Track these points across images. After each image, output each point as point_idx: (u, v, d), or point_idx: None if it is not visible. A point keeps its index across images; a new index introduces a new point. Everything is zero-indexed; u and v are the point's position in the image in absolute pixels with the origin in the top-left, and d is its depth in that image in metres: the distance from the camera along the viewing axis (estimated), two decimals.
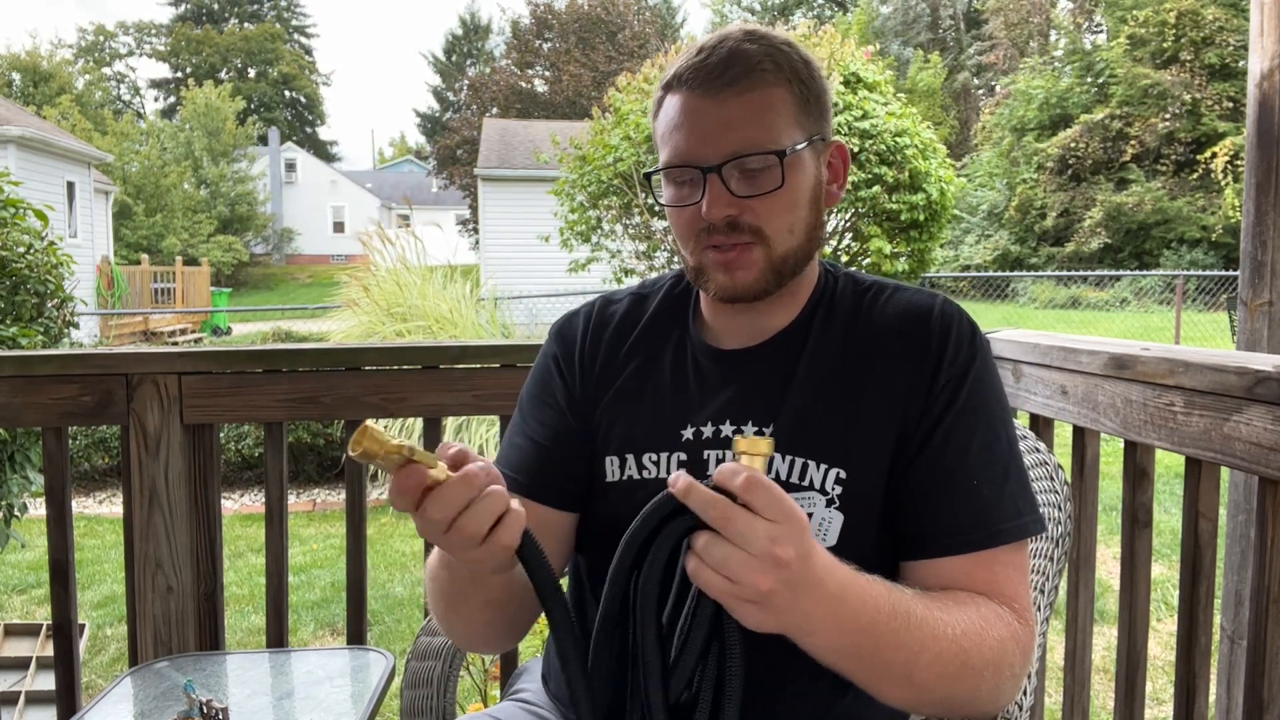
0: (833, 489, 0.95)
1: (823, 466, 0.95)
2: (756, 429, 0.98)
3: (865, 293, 1.04)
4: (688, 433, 1.01)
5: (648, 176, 1.02)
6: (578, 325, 1.12)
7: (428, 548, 1.78)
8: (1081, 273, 19.37)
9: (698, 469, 0.99)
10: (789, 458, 0.97)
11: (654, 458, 1.01)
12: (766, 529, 0.69)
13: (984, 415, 0.96)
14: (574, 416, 1.06)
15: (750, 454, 0.72)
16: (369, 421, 0.70)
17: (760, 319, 1.03)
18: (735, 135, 0.93)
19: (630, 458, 1.02)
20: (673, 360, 1.06)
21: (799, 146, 0.95)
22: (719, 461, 0.99)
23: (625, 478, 1.02)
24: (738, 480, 0.69)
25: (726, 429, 0.99)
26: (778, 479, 0.97)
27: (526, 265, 15.34)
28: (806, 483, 0.96)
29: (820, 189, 1.00)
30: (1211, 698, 1.82)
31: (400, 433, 5.81)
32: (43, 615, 4.17)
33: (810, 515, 0.95)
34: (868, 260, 6.95)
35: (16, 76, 38.36)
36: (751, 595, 0.70)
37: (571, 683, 0.80)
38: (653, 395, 1.04)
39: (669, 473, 1.00)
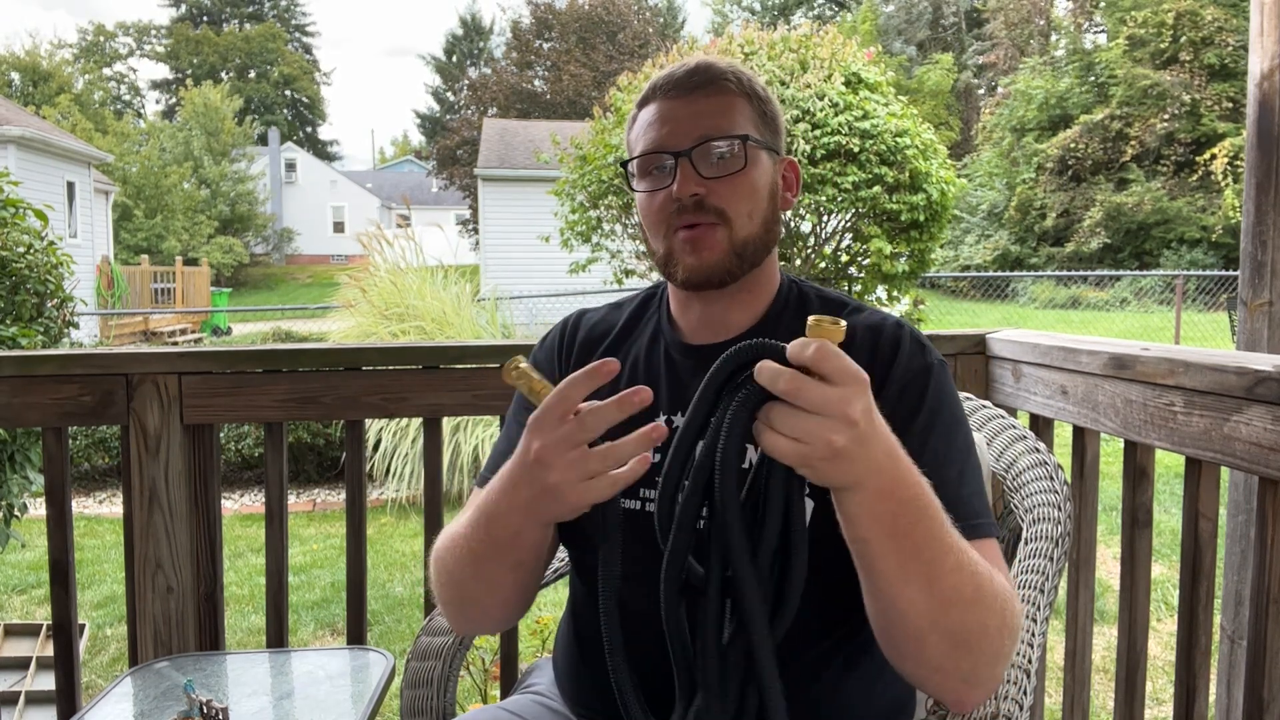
0: (797, 479, 0.98)
1: None
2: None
3: (830, 304, 1.11)
4: (660, 421, 1.04)
5: (624, 165, 1.10)
6: (554, 336, 1.21)
7: (429, 540, 1.78)
8: (1081, 273, 19.37)
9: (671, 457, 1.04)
10: (760, 448, 0.99)
11: None
12: (838, 393, 0.73)
13: (937, 423, 0.99)
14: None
15: (820, 336, 0.75)
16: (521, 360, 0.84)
17: (723, 316, 1.10)
18: (704, 123, 1.04)
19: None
20: (647, 355, 1.13)
21: (759, 139, 1.06)
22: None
23: None
24: (808, 352, 0.73)
25: None
26: (748, 470, 0.99)
27: (526, 265, 15.33)
28: None
29: (777, 192, 1.10)
30: (1211, 698, 1.82)
31: (397, 433, 5.82)
32: (43, 615, 4.17)
33: None
34: (868, 260, 6.94)
35: (16, 76, 38.36)
36: (825, 453, 0.74)
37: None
38: (627, 388, 1.08)
39: None
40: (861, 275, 7.16)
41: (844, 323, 0.76)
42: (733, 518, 0.79)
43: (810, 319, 0.75)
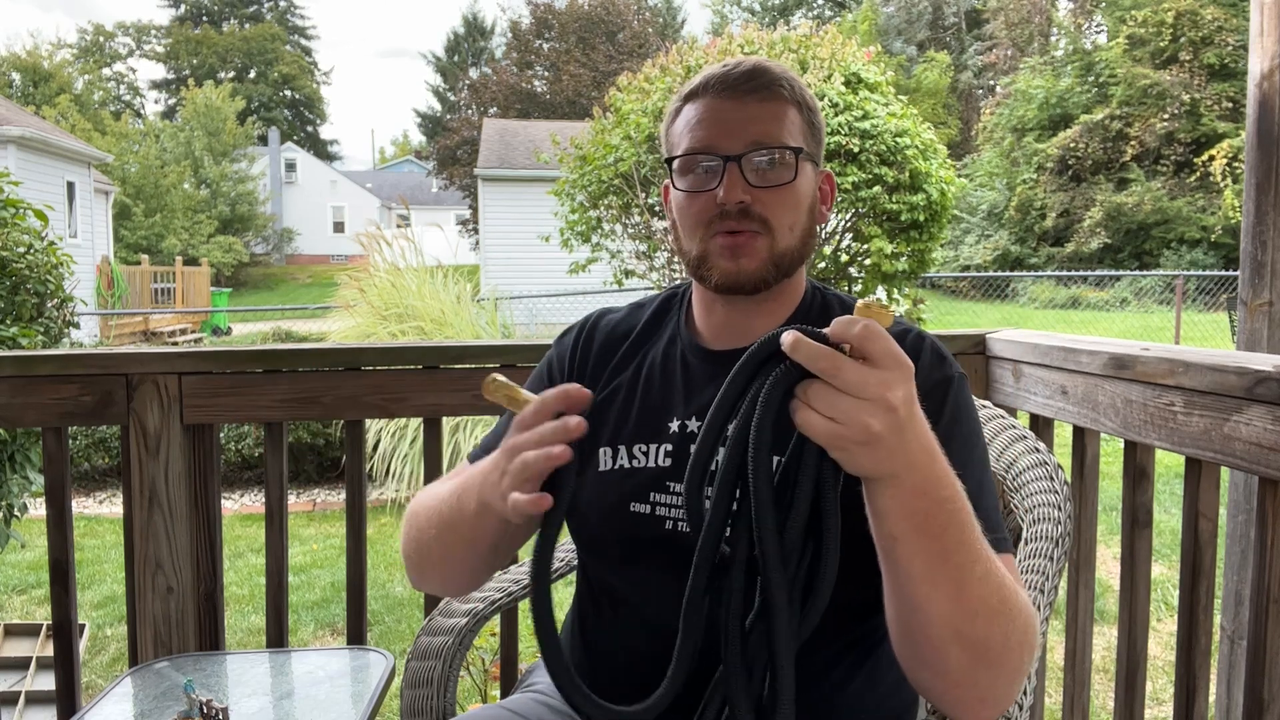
0: None
1: None
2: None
3: (852, 311, 1.08)
4: (674, 425, 1.06)
5: (668, 162, 1.07)
6: (573, 331, 1.20)
7: None
8: (1081, 273, 19.37)
9: (683, 460, 1.04)
10: (775, 458, 0.99)
11: (643, 448, 1.06)
12: (878, 375, 0.71)
13: (956, 434, 0.97)
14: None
15: (868, 318, 0.73)
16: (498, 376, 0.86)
17: (746, 321, 1.08)
18: (756, 129, 1.02)
19: (621, 448, 1.08)
20: (663, 358, 1.12)
21: (807, 152, 1.05)
22: None
23: (617, 466, 1.07)
24: (854, 330, 0.72)
25: None
26: None
27: (526, 265, 15.34)
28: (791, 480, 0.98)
29: (815, 205, 1.08)
30: (1211, 698, 1.82)
31: (397, 434, 5.82)
32: (43, 615, 4.17)
33: None
34: (868, 260, 6.94)
35: (16, 76, 38.37)
36: (860, 437, 0.72)
37: (551, 664, 0.85)
38: (643, 390, 1.11)
39: (657, 462, 1.05)
40: (862, 275, 7.16)
41: (893, 308, 0.75)
42: (764, 493, 0.76)
43: (860, 302, 0.74)
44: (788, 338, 0.73)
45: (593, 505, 1.08)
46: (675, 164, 1.05)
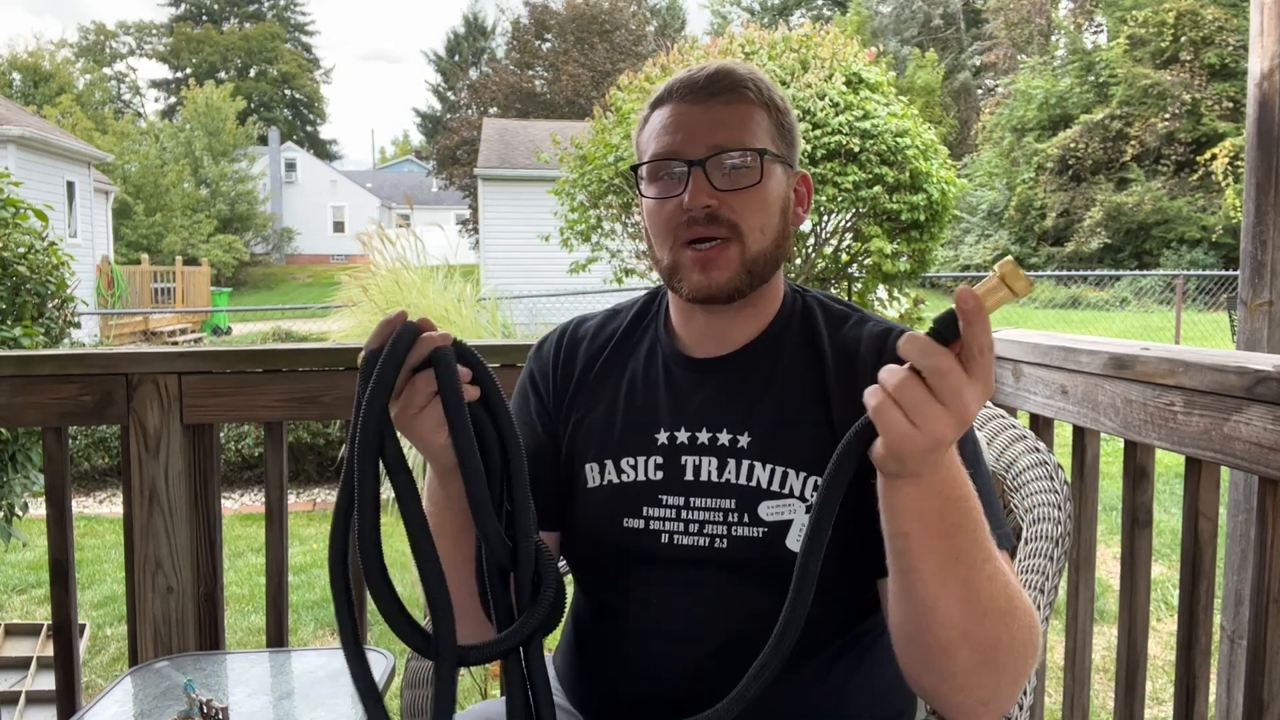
0: (811, 496, 0.97)
1: (801, 475, 0.99)
2: (731, 435, 1.02)
3: (835, 316, 1.08)
4: (662, 437, 1.05)
5: (634, 169, 1.06)
6: (551, 343, 1.17)
7: None
8: (1081, 273, 19.36)
9: (674, 472, 1.03)
10: (769, 466, 1.00)
11: (631, 461, 1.05)
12: (975, 392, 0.71)
13: None
14: (548, 434, 1.11)
15: (1000, 287, 0.71)
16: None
17: (727, 328, 1.07)
18: (720, 133, 1.00)
19: (609, 463, 1.06)
20: (645, 368, 1.10)
21: (775, 153, 1.03)
22: (695, 467, 1.02)
23: (605, 482, 1.06)
24: (984, 340, 0.70)
25: (702, 435, 1.03)
26: (759, 488, 0.99)
27: (526, 265, 15.33)
28: (786, 490, 0.99)
29: (789, 207, 1.06)
30: (1211, 698, 1.82)
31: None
32: (43, 615, 4.17)
33: (790, 522, 0.98)
34: (868, 260, 6.94)
35: (17, 76, 38.38)
36: (928, 445, 0.72)
37: (482, 525, 0.90)
38: (627, 402, 1.09)
39: (647, 475, 1.03)
40: (862, 275, 7.16)
41: (1030, 281, 0.72)
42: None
43: (1006, 260, 0.72)
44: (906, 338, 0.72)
45: (584, 523, 1.06)
46: (643, 171, 1.04)
